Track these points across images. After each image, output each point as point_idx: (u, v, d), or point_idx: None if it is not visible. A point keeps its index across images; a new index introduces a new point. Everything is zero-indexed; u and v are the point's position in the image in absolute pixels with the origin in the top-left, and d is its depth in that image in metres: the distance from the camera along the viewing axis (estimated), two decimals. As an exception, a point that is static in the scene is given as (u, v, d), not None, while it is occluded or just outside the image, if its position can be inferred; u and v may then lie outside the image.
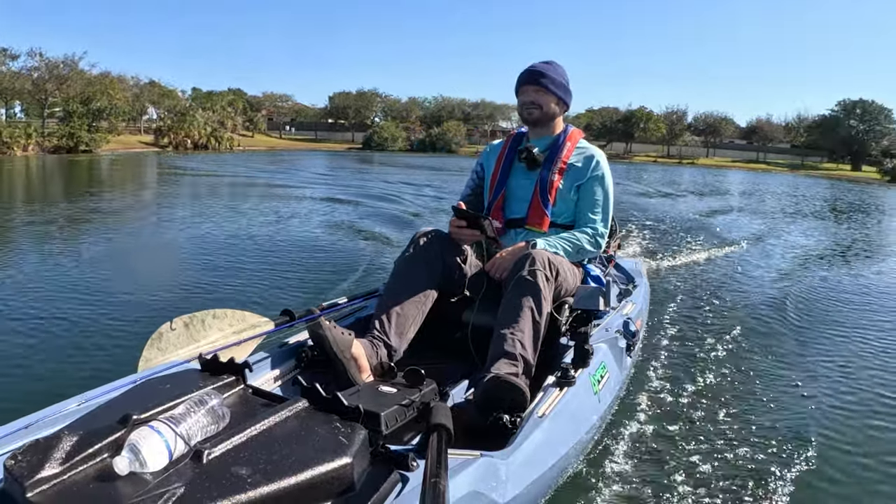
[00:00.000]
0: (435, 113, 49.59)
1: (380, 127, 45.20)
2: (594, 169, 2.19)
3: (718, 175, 28.86)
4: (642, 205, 11.52)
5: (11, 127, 24.76)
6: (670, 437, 2.21)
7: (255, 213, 8.48)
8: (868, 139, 43.63)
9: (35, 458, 0.91)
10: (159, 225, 7.59)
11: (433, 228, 2.07)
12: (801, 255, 6.92)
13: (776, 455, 2.11)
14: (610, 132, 47.39)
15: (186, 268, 4.91)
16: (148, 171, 18.67)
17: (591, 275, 2.21)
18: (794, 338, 3.58)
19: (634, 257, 5.05)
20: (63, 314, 3.51)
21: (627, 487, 1.87)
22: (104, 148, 27.75)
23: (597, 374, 1.84)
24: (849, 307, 4.38)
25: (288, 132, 50.23)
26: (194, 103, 36.88)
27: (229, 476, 0.92)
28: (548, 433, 1.44)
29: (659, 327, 3.53)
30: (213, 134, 33.88)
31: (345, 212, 8.80)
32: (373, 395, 1.53)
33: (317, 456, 0.98)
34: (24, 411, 1.21)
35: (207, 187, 13.50)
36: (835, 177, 35.42)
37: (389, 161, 27.73)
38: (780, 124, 51.34)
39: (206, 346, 1.64)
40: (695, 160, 44.72)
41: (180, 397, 1.11)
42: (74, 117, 27.64)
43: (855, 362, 3.15)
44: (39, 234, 6.56)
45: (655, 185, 18.42)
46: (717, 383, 2.75)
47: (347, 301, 2.20)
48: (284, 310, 1.95)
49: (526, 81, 2.19)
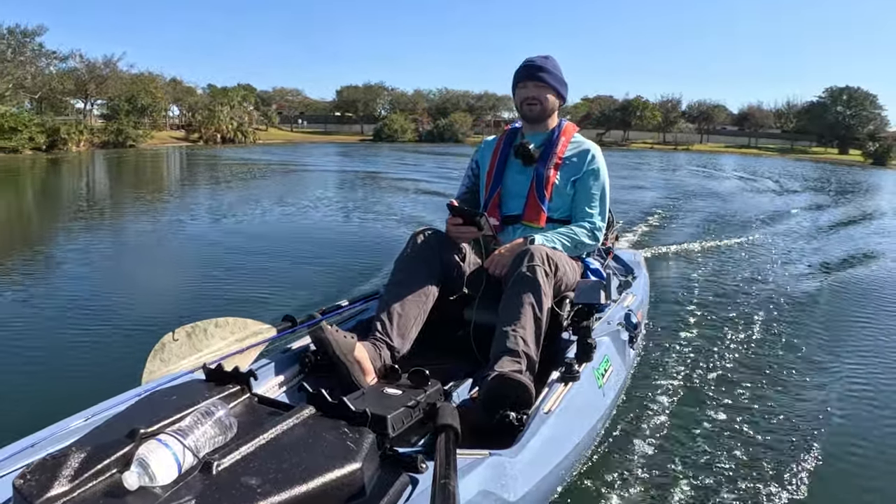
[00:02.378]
0: (440, 105, 51.26)
1: (390, 119, 46.73)
2: (590, 163, 2.19)
3: (713, 158, 31.07)
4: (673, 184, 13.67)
5: (68, 125, 26.40)
6: (677, 428, 2.22)
7: (374, 198, 10.52)
8: (854, 124, 45.92)
9: (44, 477, 0.91)
10: (314, 206, 8.90)
11: (430, 227, 2.07)
12: (792, 234, 6.96)
13: (785, 444, 2.12)
14: (608, 120, 49.94)
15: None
16: (205, 163, 20.54)
17: (590, 268, 2.21)
18: (799, 321, 3.59)
19: (633, 248, 5.06)
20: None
21: (636, 480, 1.88)
22: (147, 143, 29.85)
23: (601, 368, 1.84)
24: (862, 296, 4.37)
25: (300, 126, 51.84)
26: (214, 99, 38.58)
27: (240, 487, 0.92)
28: (555, 429, 1.44)
29: (660, 317, 3.53)
30: (239, 128, 36.43)
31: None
32: (378, 397, 1.53)
33: (326, 462, 0.98)
34: (30, 429, 1.21)
35: (296, 176, 15.61)
36: (821, 160, 37.46)
37: (405, 149, 31.24)
38: (771, 111, 53.50)
39: (209, 355, 1.64)
40: (689, 146, 46.85)
41: (187, 409, 1.10)
42: (121, 115, 30.00)
43: (870, 349, 3.15)
44: (193, 214, 8.21)
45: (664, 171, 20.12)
46: (721, 371, 2.76)
47: (348, 304, 2.20)
48: (286, 315, 1.94)
49: (526, 77, 2.18)
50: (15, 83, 26.93)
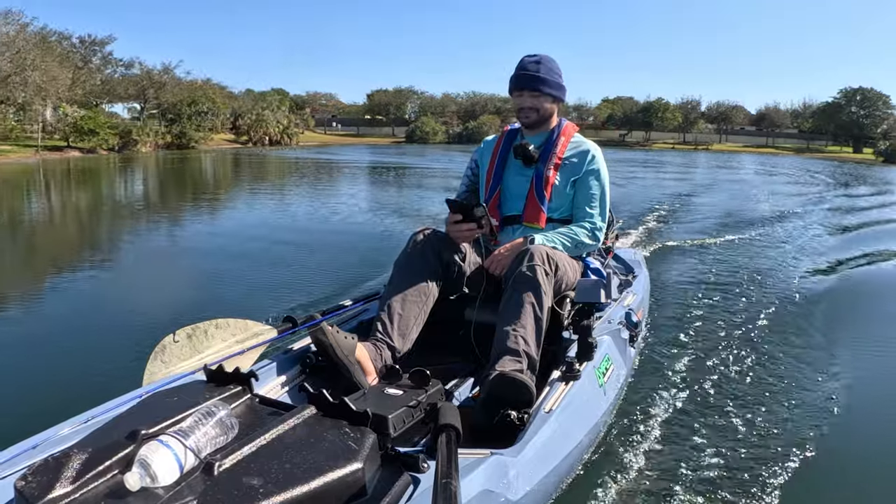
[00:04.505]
0: (469, 108, 53.30)
1: (421, 122, 49.08)
2: (590, 163, 2.19)
3: (731, 159, 33.15)
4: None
5: (137, 127, 29.34)
6: (678, 426, 2.22)
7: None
8: (868, 123, 47.67)
9: (45, 478, 0.91)
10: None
11: (430, 227, 2.07)
12: (796, 233, 6.96)
13: (786, 443, 2.10)
14: (630, 122, 52.86)
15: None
16: (274, 161, 23.09)
17: (590, 267, 2.22)
18: (804, 317, 3.58)
19: (633, 247, 5.06)
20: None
21: (637, 479, 1.88)
22: (207, 145, 32.64)
23: (601, 367, 1.84)
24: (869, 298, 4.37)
25: (333, 128, 53.80)
26: (256, 104, 40.64)
27: (241, 487, 0.92)
28: (556, 428, 1.44)
29: (661, 316, 3.53)
30: (285, 131, 38.91)
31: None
32: (379, 398, 1.53)
33: (327, 462, 0.98)
34: (31, 431, 1.21)
35: (368, 170, 18.57)
36: (833, 158, 39.09)
37: (439, 149, 34.53)
38: (788, 111, 55.90)
39: (209, 356, 1.64)
40: (709, 146, 49.29)
41: (188, 410, 1.10)
42: (184, 118, 32.42)
43: (876, 347, 3.15)
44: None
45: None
46: (722, 370, 2.76)
47: (349, 305, 2.20)
48: (287, 316, 1.95)
49: (522, 87, 2.16)
50: (87, 90, 30.32)
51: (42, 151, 22.97)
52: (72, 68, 28.63)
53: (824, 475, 1.96)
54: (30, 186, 12.98)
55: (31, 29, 26.18)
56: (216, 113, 35.61)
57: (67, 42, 30.92)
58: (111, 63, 34.19)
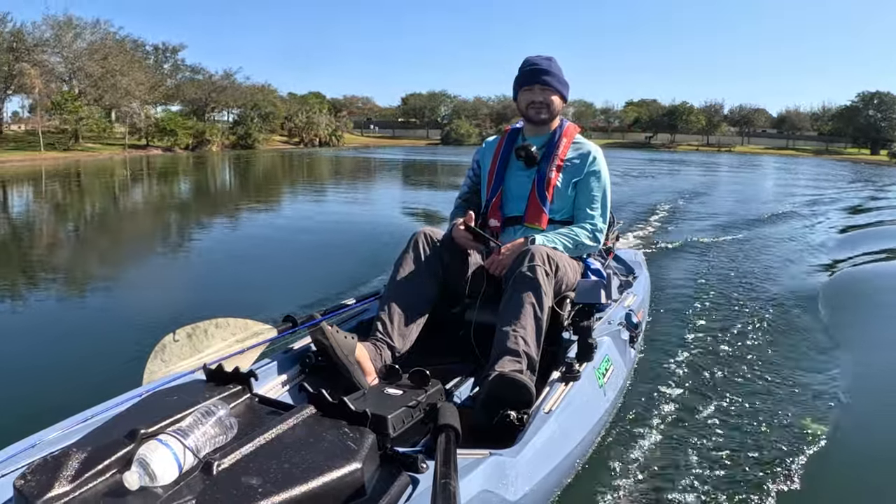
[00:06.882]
0: (500, 111, 55.09)
1: (456, 125, 51.76)
2: (591, 164, 2.18)
3: (753, 160, 35.46)
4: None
5: (209, 128, 32.80)
6: (678, 427, 2.21)
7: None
8: (885, 126, 50.05)
9: (44, 477, 0.91)
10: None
11: (431, 228, 2.07)
12: (797, 233, 6.96)
13: (787, 443, 2.10)
14: (656, 125, 56.92)
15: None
16: (346, 159, 26.34)
17: (591, 268, 2.22)
18: (806, 317, 3.57)
19: (634, 248, 5.06)
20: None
21: (637, 479, 1.87)
22: (266, 145, 35.86)
23: (601, 368, 1.84)
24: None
25: (371, 131, 56.14)
26: (301, 107, 43.13)
27: (240, 486, 0.92)
28: (555, 429, 1.44)
29: (661, 317, 3.53)
30: (333, 133, 42.74)
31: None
32: (379, 398, 1.53)
33: (326, 462, 0.98)
34: (30, 429, 1.21)
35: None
36: (849, 160, 41.07)
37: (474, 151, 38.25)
38: (808, 114, 58.35)
39: (209, 355, 1.64)
40: (731, 148, 51.99)
41: (187, 409, 1.10)
42: (248, 120, 35.76)
43: (878, 346, 3.14)
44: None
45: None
46: (723, 369, 2.75)
47: (349, 304, 2.20)
48: (287, 316, 1.95)
49: (531, 80, 2.16)
50: (162, 93, 34.01)
51: (128, 149, 25.73)
52: (150, 73, 31.57)
53: (824, 476, 1.95)
54: (136, 176, 16.31)
55: (115, 37, 29.51)
56: (276, 115, 38.35)
57: (142, 50, 34.41)
58: (181, 69, 38.65)
